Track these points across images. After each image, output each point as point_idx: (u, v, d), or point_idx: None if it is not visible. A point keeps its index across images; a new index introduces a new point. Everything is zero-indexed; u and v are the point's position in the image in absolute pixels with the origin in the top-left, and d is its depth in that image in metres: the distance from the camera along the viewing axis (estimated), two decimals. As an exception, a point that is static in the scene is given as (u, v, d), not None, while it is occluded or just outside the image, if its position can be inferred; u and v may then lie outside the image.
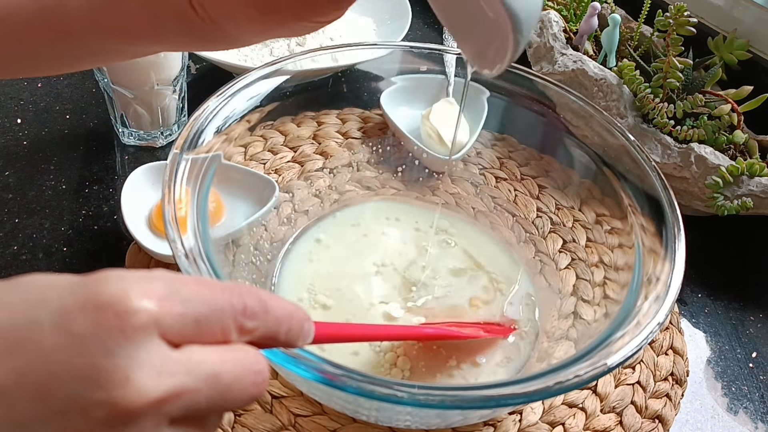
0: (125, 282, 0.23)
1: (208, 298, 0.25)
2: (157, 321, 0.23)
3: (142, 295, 0.23)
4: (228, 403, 0.26)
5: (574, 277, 0.55)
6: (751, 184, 0.60)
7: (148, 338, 0.23)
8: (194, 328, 0.25)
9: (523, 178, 0.62)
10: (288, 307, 0.28)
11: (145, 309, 0.23)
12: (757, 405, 0.54)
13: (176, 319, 0.24)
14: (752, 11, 0.72)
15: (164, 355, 0.23)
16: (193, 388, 0.24)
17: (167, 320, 0.24)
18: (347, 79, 0.65)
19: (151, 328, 0.23)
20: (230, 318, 0.26)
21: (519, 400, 0.37)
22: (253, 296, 0.27)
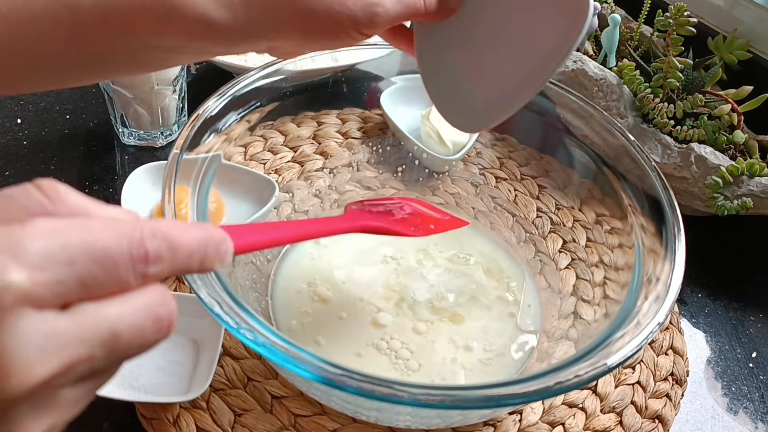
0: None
1: (99, 252, 0.22)
2: (28, 296, 0.20)
3: (8, 267, 0.20)
4: (130, 356, 0.24)
5: (574, 277, 0.55)
6: (751, 184, 0.60)
7: (22, 316, 0.20)
8: (81, 289, 0.22)
9: (523, 178, 0.62)
10: (200, 234, 0.26)
11: (13, 286, 0.20)
12: (757, 405, 0.54)
13: (56, 287, 0.21)
14: (752, 11, 0.72)
15: (47, 328, 0.21)
16: (87, 356, 0.22)
17: (42, 292, 0.21)
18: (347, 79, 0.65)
19: (23, 304, 0.20)
20: (128, 270, 0.23)
21: (519, 400, 0.37)
22: (157, 237, 0.24)
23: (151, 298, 0.24)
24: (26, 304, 0.20)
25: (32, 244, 0.21)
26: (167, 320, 0.24)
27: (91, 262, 0.22)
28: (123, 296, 0.23)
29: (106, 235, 0.22)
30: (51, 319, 0.21)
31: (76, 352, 0.21)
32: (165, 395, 0.47)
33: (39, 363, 0.20)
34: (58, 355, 0.21)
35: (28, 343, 0.20)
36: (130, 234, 0.23)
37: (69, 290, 0.21)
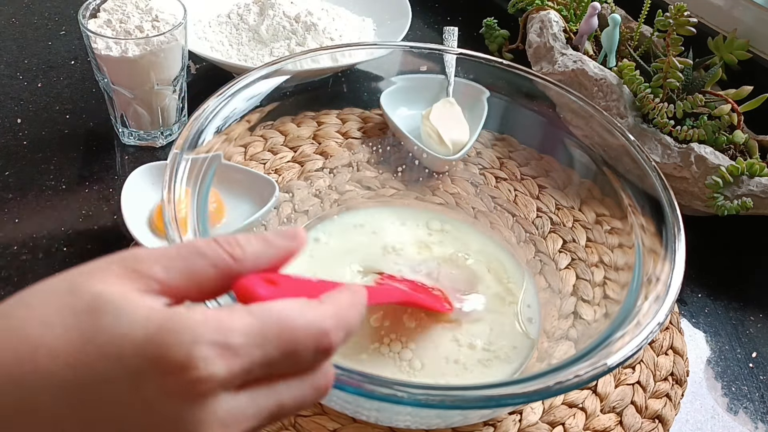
0: (196, 344, 0.23)
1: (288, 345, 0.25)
2: (224, 384, 0.24)
3: (211, 360, 0.23)
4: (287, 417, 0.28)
5: (574, 277, 0.55)
6: (751, 184, 0.60)
7: (214, 399, 0.24)
8: (264, 372, 0.25)
9: (523, 178, 0.62)
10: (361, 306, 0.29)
11: (211, 377, 0.23)
12: (757, 405, 0.54)
13: (246, 374, 0.25)
14: (752, 11, 0.72)
15: (230, 406, 0.24)
16: (257, 426, 0.26)
17: (234, 381, 0.24)
18: (347, 79, 0.65)
19: (218, 390, 0.24)
20: (308, 360, 0.26)
21: (519, 400, 0.37)
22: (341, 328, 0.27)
23: (318, 374, 0.27)
24: (222, 389, 0.24)
25: (233, 335, 0.24)
26: (325, 389, 0.28)
27: (279, 353, 0.25)
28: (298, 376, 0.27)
29: (297, 326, 0.25)
30: (237, 400, 0.25)
31: (250, 425, 0.25)
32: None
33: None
34: (236, 428, 0.25)
35: (215, 422, 0.24)
36: (319, 326, 0.26)
37: (255, 375, 0.25)
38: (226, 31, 0.78)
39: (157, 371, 0.23)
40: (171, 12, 0.63)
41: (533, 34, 0.75)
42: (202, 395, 0.23)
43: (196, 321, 0.24)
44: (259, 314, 0.25)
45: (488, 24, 0.86)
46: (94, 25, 0.61)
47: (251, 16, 0.78)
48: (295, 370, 0.26)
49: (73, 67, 0.76)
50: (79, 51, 0.78)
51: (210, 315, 0.24)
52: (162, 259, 0.26)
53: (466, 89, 0.62)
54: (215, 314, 0.24)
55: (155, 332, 0.23)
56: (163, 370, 0.23)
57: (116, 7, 0.62)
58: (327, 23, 0.77)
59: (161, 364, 0.23)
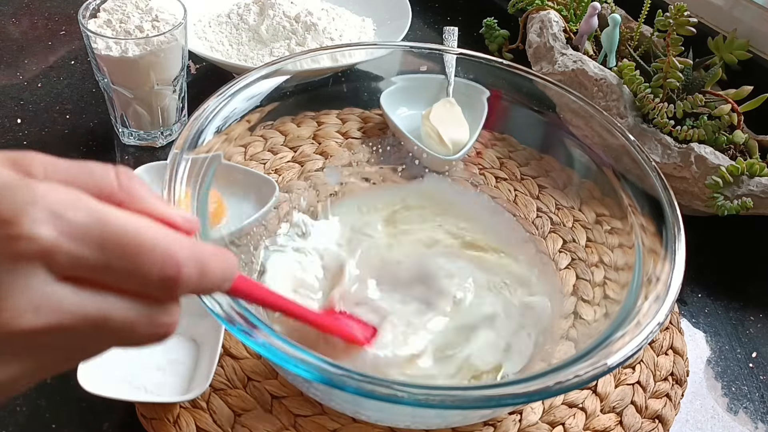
0: (31, 203, 0.21)
1: (133, 252, 0.23)
2: (47, 254, 0.22)
3: (40, 222, 0.21)
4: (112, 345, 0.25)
5: (574, 277, 0.55)
6: (751, 184, 0.60)
7: (32, 270, 0.22)
8: (96, 274, 0.23)
9: (523, 178, 0.62)
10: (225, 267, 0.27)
11: (36, 239, 0.21)
12: (757, 405, 0.54)
13: (75, 260, 0.22)
14: (752, 11, 0.72)
15: (48, 290, 0.22)
16: (70, 327, 0.23)
17: (60, 259, 0.22)
18: (347, 79, 0.65)
19: (39, 260, 0.22)
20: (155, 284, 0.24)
21: (519, 400, 0.37)
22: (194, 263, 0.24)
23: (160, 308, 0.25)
24: (42, 261, 0.22)
25: (75, 214, 0.22)
26: (163, 328, 0.25)
27: (120, 255, 0.23)
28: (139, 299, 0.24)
29: (149, 238, 0.23)
30: (56, 286, 0.22)
31: (63, 319, 0.22)
32: (165, 395, 0.47)
33: (28, 316, 0.22)
34: (47, 317, 0.22)
35: (24, 295, 0.22)
36: (169, 247, 0.24)
37: (85, 269, 0.22)
38: (226, 31, 0.78)
39: None
40: (171, 12, 0.63)
41: (533, 34, 0.75)
42: (18, 257, 0.21)
43: (41, 187, 0.22)
44: (111, 212, 0.23)
45: (488, 24, 0.86)
46: (94, 25, 0.61)
47: (251, 16, 0.78)
48: (135, 291, 0.24)
49: (73, 67, 0.76)
50: (79, 51, 0.78)
51: (61, 189, 0.22)
52: (48, 164, 0.24)
53: (466, 89, 0.62)
54: (67, 191, 0.23)
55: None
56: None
57: (116, 7, 0.62)
58: (327, 23, 0.77)
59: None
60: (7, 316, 0.21)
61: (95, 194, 0.24)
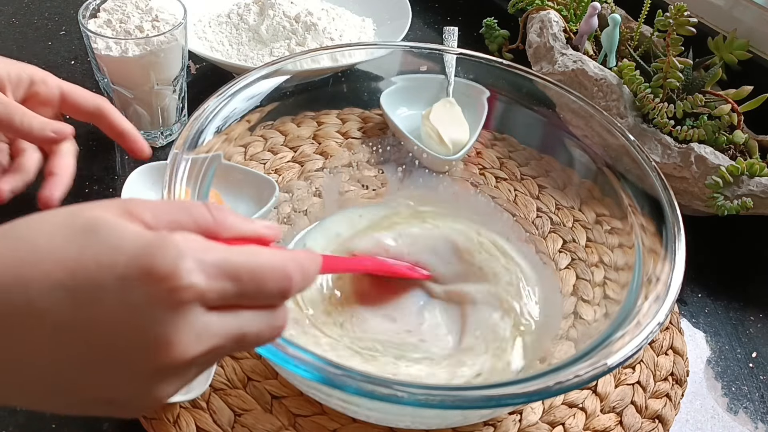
0: (180, 258, 0.26)
1: (259, 277, 0.29)
2: (201, 296, 0.27)
3: (192, 271, 0.27)
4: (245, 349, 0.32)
5: (574, 277, 0.55)
6: (751, 184, 0.60)
7: (193, 310, 0.27)
8: (234, 300, 0.29)
9: (523, 178, 0.62)
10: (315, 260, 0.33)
11: (193, 287, 0.27)
12: (757, 405, 0.54)
13: (220, 294, 0.28)
14: (752, 11, 0.72)
15: (205, 321, 0.27)
16: (220, 346, 0.29)
17: (210, 296, 0.27)
18: (347, 79, 0.65)
19: (197, 301, 0.27)
20: (273, 295, 0.30)
21: (519, 400, 0.37)
22: (300, 271, 0.31)
23: (278, 313, 0.31)
24: (198, 302, 0.27)
25: (211, 257, 0.28)
26: (280, 329, 0.31)
27: (251, 282, 0.29)
28: (261, 310, 0.30)
29: (267, 263, 0.29)
30: (209, 317, 0.28)
31: (217, 342, 0.28)
32: (165, 395, 0.47)
33: (193, 346, 0.27)
34: (205, 343, 0.28)
35: (190, 331, 0.27)
36: (282, 266, 0.30)
37: (227, 299, 0.28)
38: (226, 31, 0.78)
39: (144, 279, 0.26)
40: (171, 12, 0.63)
41: (533, 34, 0.75)
42: (182, 303, 0.26)
43: (180, 240, 0.27)
44: (231, 250, 0.29)
45: (488, 24, 0.86)
46: (94, 25, 0.61)
47: (251, 16, 0.78)
48: (259, 305, 0.30)
49: (73, 67, 0.76)
50: (79, 51, 0.78)
51: (192, 238, 0.28)
52: (153, 207, 0.29)
53: (466, 89, 0.62)
54: (195, 239, 0.28)
55: (144, 246, 0.26)
56: (150, 279, 0.26)
57: (116, 7, 0.62)
58: (327, 23, 0.77)
59: (149, 273, 0.26)
60: (180, 351, 0.27)
61: (197, 229, 0.30)
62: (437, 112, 0.63)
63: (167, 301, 0.26)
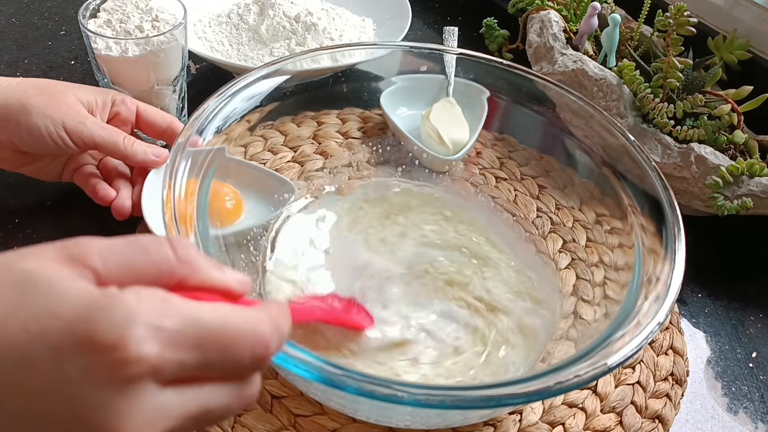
0: (129, 323, 0.22)
1: (226, 344, 0.24)
2: (155, 371, 0.22)
3: (142, 340, 0.22)
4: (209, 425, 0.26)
5: (574, 277, 0.55)
6: (751, 184, 0.60)
7: (143, 388, 0.22)
8: (196, 372, 0.24)
9: (523, 178, 0.62)
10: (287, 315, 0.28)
11: (141, 360, 0.22)
12: (757, 405, 0.54)
13: (179, 367, 0.23)
14: (752, 11, 0.72)
15: (158, 402, 0.23)
16: (179, 428, 0.24)
17: (166, 370, 0.23)
18: (347, 79, 0.65)
19: (149, 377, 0.22)
20: (244, 367, 0.25)
21: (519, 400, 0.37)
22: (278, 336, 0.26)
23: (247, 384, 0.26)
24: (151, 377, 0.22)
25: (169, 322, 0.23)
26: (250, 400, 0.27)
27: (216, 350, 0.24)
28: (227, 382, 0.25)
29: (237, 327, 0.24)
30: (164, 395, 0.23)
31: (174, 424, 0.23)
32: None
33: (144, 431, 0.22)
34: (160, 427, 0.23)
35: (140, 414, 0.22)
36: (256, 329, 0.25)
37: (187, 371, 0.24)
38: (226, 31, 0.78)
39: (82, 349, 0.21)
40: (171, 12, 0.63)
41: (533, 34, 0.75)
42: (130, 381, 0.22)
43: (131, 300, 0.22)
44: (196, 308, 0.24)
45: (488, 24, 0.86)
46: (94, 25, 0.61)
47: (251, 16, 0.78)
48: (227, 375, 0.25)
49: (73, 67, 0.76)
50: (79, 51, 0.78)
51: (146, 296, 0.23)
52: (104, 250, 0.25)
53: (466, 89, 0.62)
54: (152, 295, 0.23)
55: (84, 308, 0.22)
56: (90, 349, 0.21)
57: (116, 7, 0.62)
58: (327, 23, 0.77)
59: (88, 342, 0.21)
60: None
61: (157, 276, 0.25)
62: (437, 112, 0.63)
63: (110, 377, 0.21)
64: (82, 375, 0.21)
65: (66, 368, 0.21)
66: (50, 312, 0.22)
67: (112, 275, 0.24)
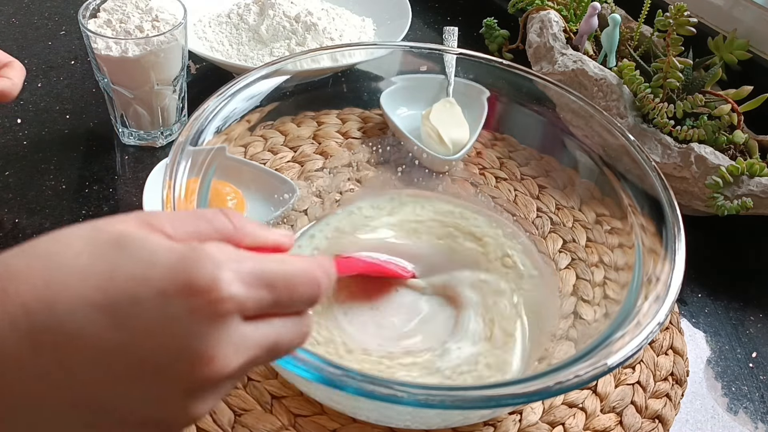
0: (218, 269, 0.26)
1: (291, 283, 0.29)
2: (240, 306, 0.26)
3: (231, 282, 0.26)
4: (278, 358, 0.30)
5: (574, 277, 0.55)
6: (751, 184, 0.60)
7: (231, 321, 0.26)
8: (270, 308, 0.28)
9: (523, 178, 0.62)
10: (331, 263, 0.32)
11: (232, 298, 0.26)
12: (757, 405, 0.54)
13: (257, 303, 0.27)
14: (752, 11, 0.72)
15: (243, 333, 0.27)
16: (257, 357, 0.28)
17: (248, 305, 0.27)
18: (347, 79, 0.65)
19: (236, 312, 0.26)
20: (305, 300, 0.30)
21: (519, 400, 0.37)
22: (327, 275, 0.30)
23: (305, 320, 0.31)
24: (237, 312, 0.26)
25: (246, 266, 0.27)
26: (307, 335, 0.31)
27: (285, 290, 0.28)
28: (291, 317, 0.30)
29: (299, 271, 0.29)
30: (246, 327, 0.27)
31: (254, 353, 0.28)
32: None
33: (233, 358, 0.26)
34: (244, 355, 0.27)
35: (230, 343, 0.26)
36: (312, 273, 0.30)
37: (263, 307, 0.28)
38: (226, 31, 0.78)
39: (183, 292, 0.25)
40: (171, 12, 0.63)
41: (533, 34, 0.75)
42: (222, 315, 0.26)
43: (215, 251, 0.26)
44: (262, 258, 0.28)
45: (488, 24, 0.86)
46: (94, 25, 0.61)
47: (251, 16, 0.78)
48: (290, 312, 0.30)
49: (73, 67, 0.76)
50: (79, 51, 0.78)
51: (224, 248, 0.27)
52: (172, 218, 0.29)
53: (466, 89, 0.62)
54: (228, 248, 0.27)
55: (179, 259, 0.26)
56: (189, 291, 0.25)
57: (116, 7, 0.62)
58: (327, 23, 0.77)
59: (187, 285, 0.25)
60: (221, 365, 0.26)
61: (220, 238, 0.29)
62: (437, 112, 0.63)
63: (208, 313, 0.25)
64: (186, 312, 0.25)
65: (171, 308, 0.25)
66: (150, 262, 0.26)
67: (182, 238, 0.28)
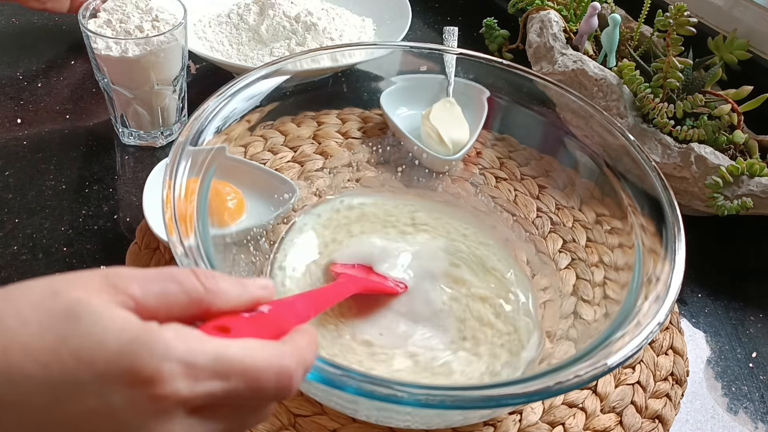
0: (165, 360, 0.25)
1: (251, 376, 0.27)
2: (186, 403, 0.25)
3: (175, 377, 0.25)
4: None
5: (574, 277, 0.55)
6: (751, 184, 0.60)
7: (173, 416, 0.25)
8: (223, 401, 0.27)
9: (523, 178, 0.62)
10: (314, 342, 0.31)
11: (175, 394, 0.25)
12: (757, 405, 0.54)
13: (206, 397, 0.26)
14: (752, 11, 0.72)
15: (186, 428, 0.26)
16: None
17: (195, 401, 0.26)
18: (347, 79, 0.65)
19: (179, 408, 0.25)
20: (268, 397, 0.28)
21: (519, 400, 0.37)
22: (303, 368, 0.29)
23: (263, 412, 0.29)
24: (181, 408, 0.25)
25: (201, 358, 0.26)
26: (264, 420, 0.30)
27: (242, 382, 0.27)
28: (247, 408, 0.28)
29: (262, 361, 0.27)
30: (190, 421, 0.26)
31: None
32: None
33: None
34: None
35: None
36: (280, 365, 0.28)
37: (214, 401, 0.26)
38: (226, 31, 0.78)
39: (126, 381, 0.24)
40: (171, 12, 0.63)
41: (533, 34, 0.75)
42: (163, 411, 0.25)
43: (168, 337, 0.25)
44: (225, 345, 0.27)
45: (488, 24, 0.86)
46: (94, 25, 0.61)
47: (251, 16, 0.78)
48: (251, 403, 0.28)
49: (73, 67, 0.76)
50: (79, 51, 0.78)
51: (182, 333, 0.26)
52: (140, 279, 0.27)
53: (466, 89, 0.62)
54: (187, 333, 0.26)
55: (128, 342, 0.25)
56: (132, 381, 0.24)
57: (116, 7, 0.62)
58: (327, 23, 0.77)
59: (131, 375, 0.24)
60: None
61: (188, 303, 0.28)
62: (437, 112, 0.63)
63: (148, 406, 0.25)
64: (126, 403, 0.24)
65: (112, 396, 0.24)
66: (98, 342, 0.24)
67: (147, 302, 0.27)
